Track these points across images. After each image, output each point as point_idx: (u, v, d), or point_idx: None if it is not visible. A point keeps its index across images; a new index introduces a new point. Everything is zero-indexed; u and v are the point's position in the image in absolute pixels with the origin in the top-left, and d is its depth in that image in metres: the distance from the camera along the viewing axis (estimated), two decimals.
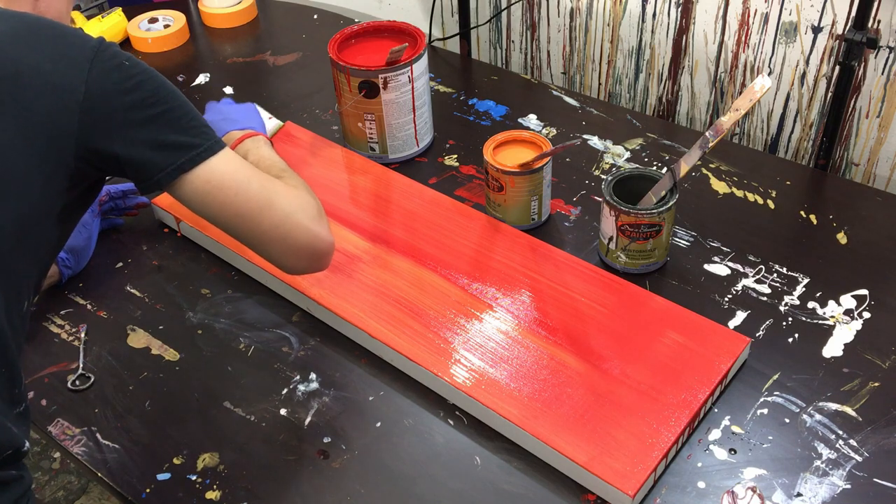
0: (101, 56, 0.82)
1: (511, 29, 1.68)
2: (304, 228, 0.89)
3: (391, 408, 1.02)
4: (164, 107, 0.85)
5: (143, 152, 0.84)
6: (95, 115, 0.81)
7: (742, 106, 1.04)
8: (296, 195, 0.91)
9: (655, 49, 1.50)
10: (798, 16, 1.32)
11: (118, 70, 0.83)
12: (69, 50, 0.82)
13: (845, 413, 0.98)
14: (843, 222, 1.22)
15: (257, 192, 0.88)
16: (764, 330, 1.07)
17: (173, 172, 0.85)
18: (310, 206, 0.91)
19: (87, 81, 0.81)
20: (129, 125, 0.83)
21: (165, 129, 0.84)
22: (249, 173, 0.88)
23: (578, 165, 1.34)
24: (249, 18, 1.80)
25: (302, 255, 0.90)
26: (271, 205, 0.88)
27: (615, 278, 1.12)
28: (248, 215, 0.87)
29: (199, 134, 0.86)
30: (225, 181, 0.86)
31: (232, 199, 0.87)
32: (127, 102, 0.83)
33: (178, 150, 0.85)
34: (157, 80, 0.86)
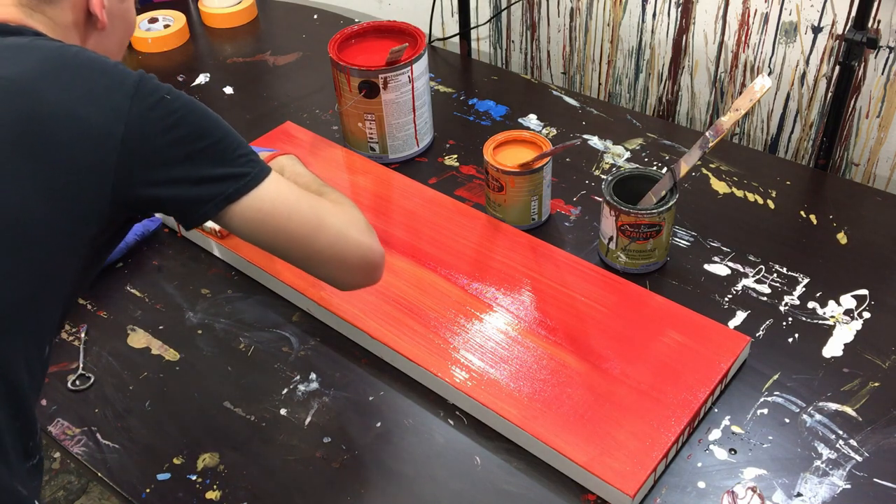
0: (142, 92, 0.78)
1: (511, 29, 1.68)
2: (356, 243, 0.87)
3: (391, 408, 1.02)
4: (207, 140, 0.80)
5: (187, 190, 0.80)
6: (135, 157, 0.77)
7: (742, 106, 1.04)
8: (343, 211, 0.88)
9: (655, 49, 1.50)
10: (798, 16, 1.32)
11: (159, 106, 0.78)
12: (107, 89, 0.77)
13: (845, 413, 0.98)
14: (843, 222, 1.22)
15: (308, 213, 0.85)
16: (764, 330, 1.07)
17: (220, 203, 0.81)
18: (359, 220, 0.89)
19: (126, 122, 0.76)
20: (171, 164, 0.79)
21: (209, 163, 0.80)
22: (297, 194, 0.85)
23: (578, 165, 1.34)
24: (249, 18, 1.80)
25: (357, 270, 0.88)
26: (322, 224, 0.85)
27: (615, 278, 1.12)
28: (300, 238, 0.85)
29: (245, 162, 0.83)
30: (276, 207, 0.83)
31: (284, 224, 0.84)
32: (168, 140, 0.78)
33: (224, 181, 0.81)
34: (199, 111, 0.82)
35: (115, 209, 0.79)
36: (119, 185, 0.77)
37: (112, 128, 0.76)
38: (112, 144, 0.76)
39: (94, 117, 0.75)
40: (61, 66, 0.77)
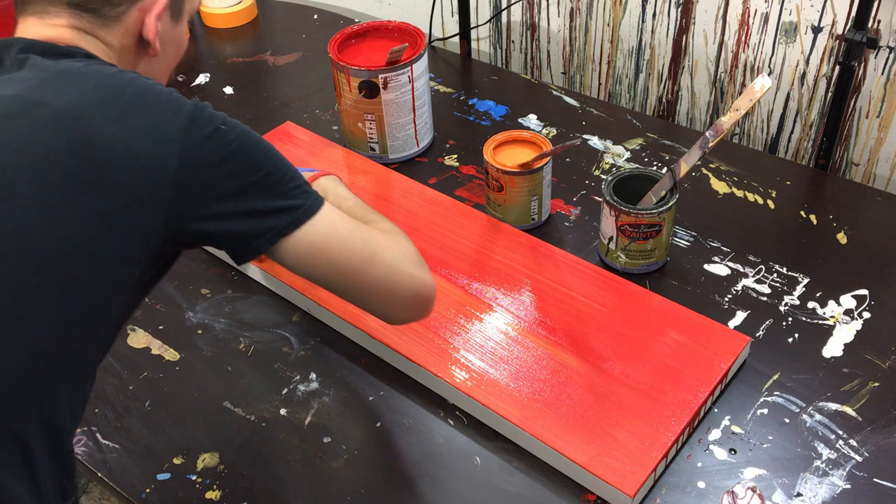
0: (197, 122, 0.75)
1: (511, 29, 1.68)
2: (408, 277, 0.84)
3: (391, 408, 1.02)
4: (261, 172, 0.77)
5: (240, 224, 0.77)
6: (189, 191, 0.74)
7: (742, 106, 1.04)
8: (395, 242, 0.86)
9: (655, 49, 1.50)
10: (798, 16, 1.32)
11: (214, 137, 0.75)
12: (162, 119, 0.74)
13: (845, 413, 0.98)
14: (843, 222, 1.22)
15: (360, 246, 0.82)
16: (764, 330, 1.07)
17: (273, 238, 0.78)
18: (411, 252, 0.86)
19: (181, 154, 0.73)
20: (225, 197, 0.76)
21: (263, 195, 0.77)
22: (350, 226, 0.82)
23: (578, 165, 1.34)
24: (249, 18, 1.80)
25: (408, 305, 0.85)
26: (375, 258, 0.82)
27: (615, 278, 1.12)
28: (352, 273, 0.82)
29: (299, 194, 0.80)
30: (329, 240, 0.80)
31: (336, 258, 0.81)
32: (223, 172, 0.75)
33: (277, 214, 0.78)
34: (253, 141, 0.79)
35: (166, 244, 0.76)
36: (171, 220, 0.74)
37: (166, 160, 0.73)
38: (166, 178, 0.73)
39: (148, 149, 0.73)
40: (116, 94, 0.74)
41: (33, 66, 0.76)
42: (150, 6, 0.84)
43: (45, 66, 0.76)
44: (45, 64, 0.76)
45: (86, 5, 0.81)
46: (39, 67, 0.76)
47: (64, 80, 0.74)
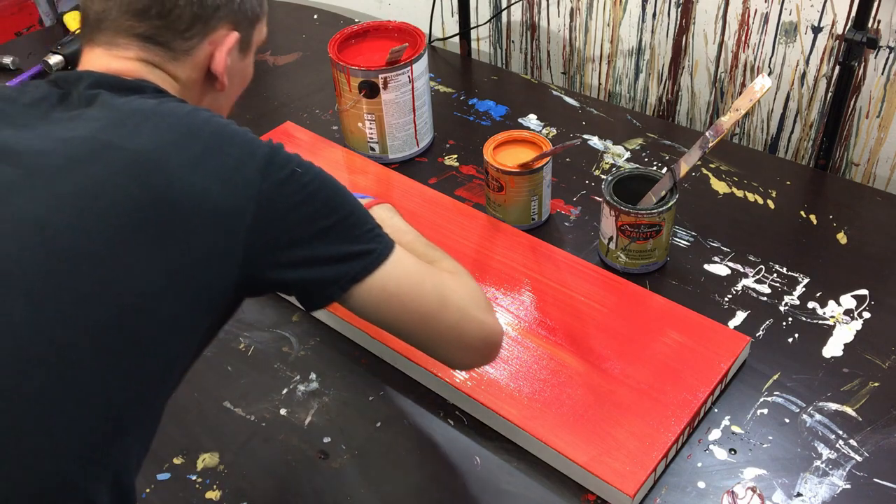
0: (273, 166, 0.73)
1: (511, 29, 1.68)
2: (478, 323, 0.82)
3: (391, 408, 1.02)
4: (336, 216, 0.75)
5: (314, 271, 0.75)
6: (265, 238, 0.72)
7: (742, 106, 1.04)
8: (464, 285, 0.83)
9: (655, 49, 1.50)
10: (798, 16, 1.32)
11: (290, 180, 0.73)
12: (238, 162, 0.72)
13: (845, 413, 0.98)
14: (843, 222, 1.22)
15: (431, 292, 0.80)
16: (764, 330, 1.07)
17: (346, 285, 0.76)
18: (478, 295, 0.84)
19: (257, 200, 0.71)
20: (300, 244, 0.74)
21: (338, 240, 0.75)
22: (422, 271, 0.80)
23: (578, 165, 1.34)
24: None
25: (476, 351, 0.83)
26: (446, 304, 0.80)
27: (615, 278, 1.12)
28: (423, 320, 0.79)
29: (372, 238, 0.77)
30: (401, 286, 0.78)
31: (407, 305, 0.78)
32: (298, 218, 0.73)
33: (350, 260, 0.76)
34: (328, 183, 0.77)
35: (237, 293, 0.74)
36: (246, 269, 0.72)
37: (242, 206, 0.70)
38: (242, 225, 0.70)
39: (225, 196, 0.70)
40: (191, 136, 0.72)
41: (104, 103, 0.74)
42: (221, 40, 0.83)
43: (116, 104, 0.74)
44: (117, 102, 0.74)
45: (156, 38, 0.80)
46: (111, 106, 0.73)
47: (138, 120, 0.72)
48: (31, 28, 1.96)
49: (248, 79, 0.92)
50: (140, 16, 0.79)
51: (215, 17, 0.82)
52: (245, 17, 0.86)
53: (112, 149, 0.69)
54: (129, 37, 0.80)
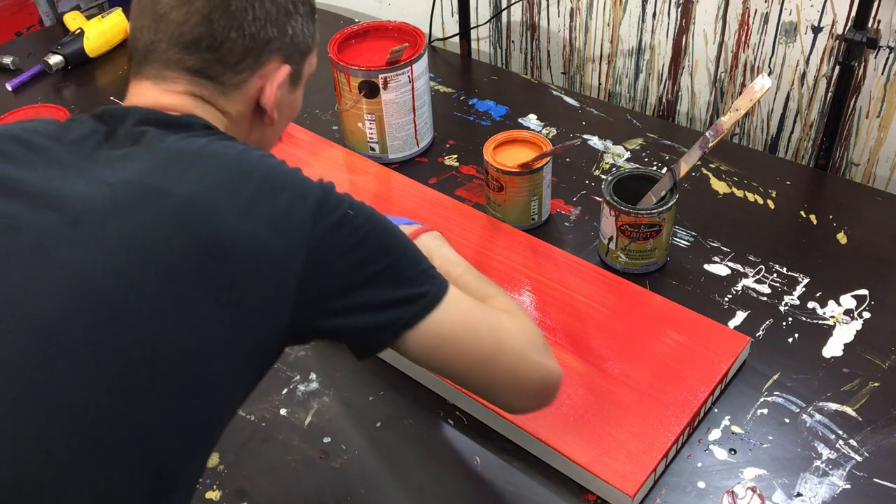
0: (324, 209, 0.70)
1: (511, 29, 1.68)
2: (536, 366, 0.78)
3: (391, 408, 1.01)
4: (389, 259, 0.72)
5: (366, 318, 0.72)
6: (316, 286, 0.69)
7: (742, 106, 1.04)
8: (520, 327, 0.79)
9: (655, 49, 1.50)
10: (798, 16, 1.32)
11: (342, 224, 0.70)
12: (290, 207, 0.69)
13: (845, 413, 0.98)
14: (843, 222, 1.22)
15: (487, 335, 0.76)
16: (764, 330, 1.07)
17: (399, 331, 0.73)
18: (536, 336, 0.80)
19: (308, 246, 0.68)
20: (352, 290, 0.71)
21: (390, 284, 0.72)
22: (477, 312, 0.77)
23: (578, 165, 1.34)
24: None
25: (534, 395, 0.80)
26: (502, 348, 0.77)
27: (615, 278, 1.12)
28: (478, 365, 0.76)
29: (425, 280, 0.74)
30: (455, 330, 0.74)
31: (463, 350, 0.75)
32: (350, 263, 0.70)
33: (403, 304, 0.72)
34: (381, 224, 0.74)
35: (286, 342, 0.72)
36: (296, 318, 0.69)
37: (294, 253, 0.68)
38: (293, 273, 0.68)
39: (276, 244, 0.67)
40: (242, 180, 0.69)
41: (151, 142, 0.71)
42: (271, 74, 0.81)
43: (165, 144, 0.71)
44: (166, 142, 0.71)
45: (206, 72, 0.78)
46: (159, 147, 0.71)
47: (187, 162, 0.69)
48: (31, 28, 1.96)
49: (297, 111, 0.90)
50: (190, 48, 0.77)
51: (267, 51, 0.80)
52: (297, 51, 0.84)
53: (160, 195, 0.66)
54: (178, 70, 0.78)
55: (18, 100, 1.59)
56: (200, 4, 0.77)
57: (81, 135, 0.73)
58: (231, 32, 0.77)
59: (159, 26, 0.78)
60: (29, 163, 0.70)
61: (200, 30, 0.77)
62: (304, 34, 0.85)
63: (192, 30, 0.77)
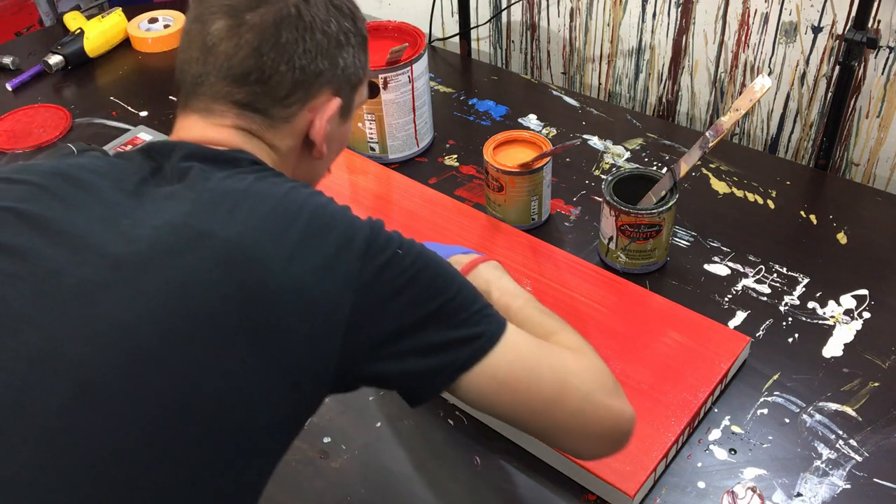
0: (373, 250, 0.68)
1: (511, 29, 1.68)
2: (605, 409, 0.73)
3: (391, 408, 1.01)
4: (441, 299, 0.69)
5: (416, 362, 0.69)
6: (363, 331, 0.66)
7: (742, 106, 1.04)
8: (586, 366, 0.74)
9: (655, 49, 1.50)
10: (798, 16, 1.32)
11: (391, 264, 0.68)
12: (337, 250, 0.67)
13: (845, 413, 0.98)
14: (843, 222, 1.22)
15: (549, 377, 0.72)
16: (764, 330, 1.07)
17: (453, 375, 0.69)
18: (604, 376, 0.75)
19: (355, 290, 0.66)
20: (402, 334, 0.68)
21: (442, 326, 0.69)
22: (537, 353, 0.73)
23: (578, 165, 1.34)
24: None
25: (604, 441, 0.74)
26: (566, 390, 0.72)
27: (615, 278, 1.12)
28: (540, 409, 0.72)
29: (479, 319, 0.71)
30: (513, 373, 0.71)
31: (523, 394, 0.71)
32: (400, 306, 0.67)
33: (456, 347, 0.69)
34: (431, 263, 0.71)
35: (332, 390, 0.69)
36: (343, 365, 0.67)
37: (341, 298, 0.65)
38: (339, 318, 0.65)
39: (323, 288, 0.65)
40: (289, 221, 0.67)
41: (197, 180, 0.70)
42: (321, 107, 0.79)
43: (210, 183, 0.69)
44: (211, 180, 0.70)
45: (255, 105, 0.76)
46: (204, 186, 0.69)
47: (233, 202, 0.67)
48: (31, 28, 1.96)
49: (346, 143, 0.88)
50: (239, 81, 0.75)
51: (317, 84, 0.78)
52: (347, 83, 0.81)
53: (204, 238, 0.64)
54: (226, 103, 0.76)
55: (18, 100, 1.60)
56: (250, 36, 0.75)
57: (127, 171, 0.72)
58: (281, 65, 0.75)
59: (208, 59, 0.76)
60: (74, 202, 0.68)
61: (250, 63, 0.75)
62: (355, 66, 0.82)
63: (241, 63, 0.75)
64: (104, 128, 1.51)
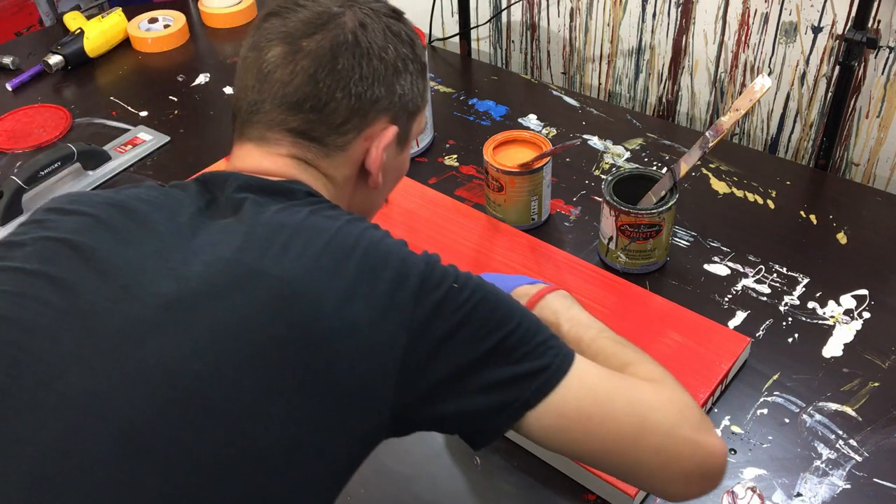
0: (428, 286, 0.65)
1: (511, 29, 1.68)
2: (691, 444, 0.67)
3: None
4: (500, 333, 0.66)
5: (475, 401, 0.65)
6: (419, 371, 0.64)
7: (742, 106, 1.04)
8: (668, 398, 0.69)
9: (655, 49, 1.50)
10: (798, 16, 1.32)
11: (447, 300, 0.65)
12: (391, 287, 0.64)
13: (845, 413, 0.98)
14: (843, 222, 1.22)
15: (624, 411, 0.67)
16: (764, 330, 1.07)
17: (517, 413, 0.66)
18: (688, 408, 0.69)
19: (409, 328, 0.63)
20: (460, 373, 0.65)
21: (504, 362, 0.66)
22: (609, 385, 0.68)
23: (578, 165, 1.34)
24: (249, 18, 1.80)
25: (693, 478, 0.68)
26: (645, 425, 0.67)
27: (615, 278, 1.12)
28: (616, 446, 0.67)
29: (543, 352, 0.67)
30: (584, 408, 0.66)
31: (595, 431, 0.67)
32: (457, 342, 0.64)
33: (519, 382, 0.66)
34: (490, 296, 0.68)
35: (386, 434, 0.66)
36: (398, 408, 0.64)
37: (395, 338, 0.63)
38: (394, 359, 0.63)
39: (377, 328, 0.63)
40: (343, 259, 0.65)
41: (250, 214, 0.68)
42: (376, 135, 0.77)
43: (264, 217, 0.68)
44: (265, 213, 0.68)
45: (310, 133, 0.75)
46: (257, 220, 0.67)
47: (286, 238, 0.66)
48: (31, 28, 1.97)
49: (404, 173, 0.86)
50: (294, 109, 0.74)
51: (373, 111, 0.76)
52: (405, 111, 0.79)
53: (255, 276, 0.63)
54: (281, 131, 0.75)
55: (18, 100, 1.60)
56: (306, 63, 0.74)
57: (183, 203, 0.71)
58: (336, 92, 0.74)
59: (263, 86, 0.75)
60: (127, 235, 0.68)
61: (305, 90, 0.74)
62: (413, 93, 0.80)
63: (296, 90, 0.74)
64: (104, 128, 1.51)
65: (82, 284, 0.64)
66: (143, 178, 1.38)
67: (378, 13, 0.78)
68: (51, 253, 0.67)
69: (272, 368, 0.61)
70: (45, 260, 0.66)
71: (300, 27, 0.75)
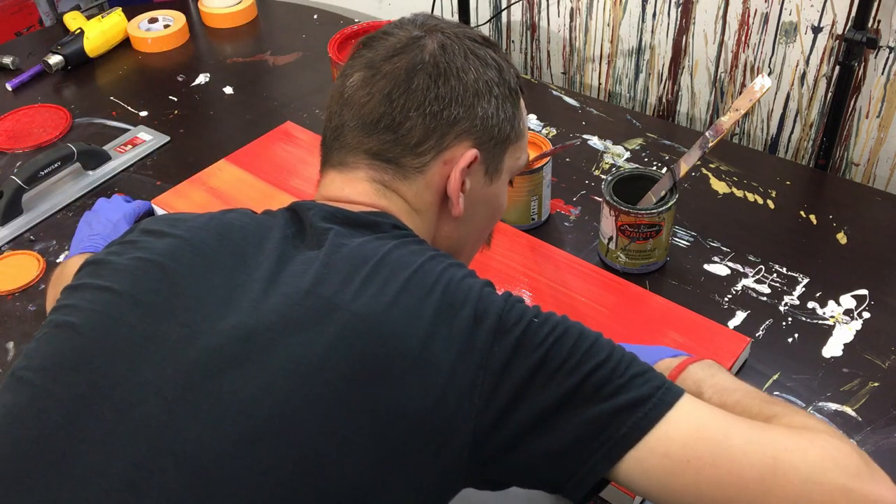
0: (505, 325, 0.62)
1: (511, 29, 1.68)
2: (841, 491, 0.57)
3: None
4: (586, 368, 0.61)
5: (564, 442, 0.61)
6: (498, 414, 0.60)
7: (742, 106, 1.04)
8: (809, 441, 0.60)
9: (655, 49, 1.50)
10: (798, 16, 1.32)
11: (525, 338, 0.62)
12: (470, 326, 0.62)
13: (845, 413, 0.98)
14: (843, 222, 1.22)
15: (744, 451, 0.59)
16: (764, 330, 1.07)
17: (612, 452, 0.60)
18: (844, 454, 0.59)
19: (488, 368, 0.60)
20: (546, 413, 0.61)
21: (592, 400, 0.60)
22: (725, 424, 0.61)
23: (578, 165, 1.34)
24: (249, 18, 1.80)
25: None
26: (776, 470, 0.58)
27: (615, 278, 1.12)
28: (738, 493, 0.58)
29: (641, 384, 0.61)
30: (692, 447, 0.59)
31: (708, 473, 0.59)
32: (539, 382, 0.61)
33: (614, 416, 0.60)
34: (573, 329, 0.64)
35: (465, 483, 0.63)
36: (476, 455, 0.60)
37: (472, 379, 0.60)
38: (471, 402, 0.60)
39: (454, 368, 0.60)
40: (421, 298, 0.63)
41: (333, 245, 0.67)
42: (455, 158, 0.74)
43: (346, 249, 0.67)
44: (349, 245, 0.67)
45: (385, 154, 0.74)
46: (339, 252, 0.66)
47: (367, 272, 0.64)
48: (31, 28, 1.97)
49: (501, 210, 0.82)
50: (369, 129, 0.74)
51: (452, 133, 0.74)
52: (489, 136, 0.76)
53: (333, 310, 0.62)
54: (358, 154, 0.75)
55: (18, 100, 1.60)
56: (383, 84, 0.74)
57: (272, 232, 0.71)
58: (411, 111, 0.73)
59: (343, 110, 0.76)
60: (217, 262, 0.68)
61: (380, 109, 0.73)
62: (498, 118, 0.76)
63: (372, 110, 0.74)
64: (104, 128, 1.51)
65: (169, 312, 0.64)
66: (143, 179, 1.38)
67: (461, 37, 0.77)
68: (140, 273, 0.67)
69: (344, 406, 0.59)
70: (135, 281, 0.67)
71: (382, 53, 0.75)
